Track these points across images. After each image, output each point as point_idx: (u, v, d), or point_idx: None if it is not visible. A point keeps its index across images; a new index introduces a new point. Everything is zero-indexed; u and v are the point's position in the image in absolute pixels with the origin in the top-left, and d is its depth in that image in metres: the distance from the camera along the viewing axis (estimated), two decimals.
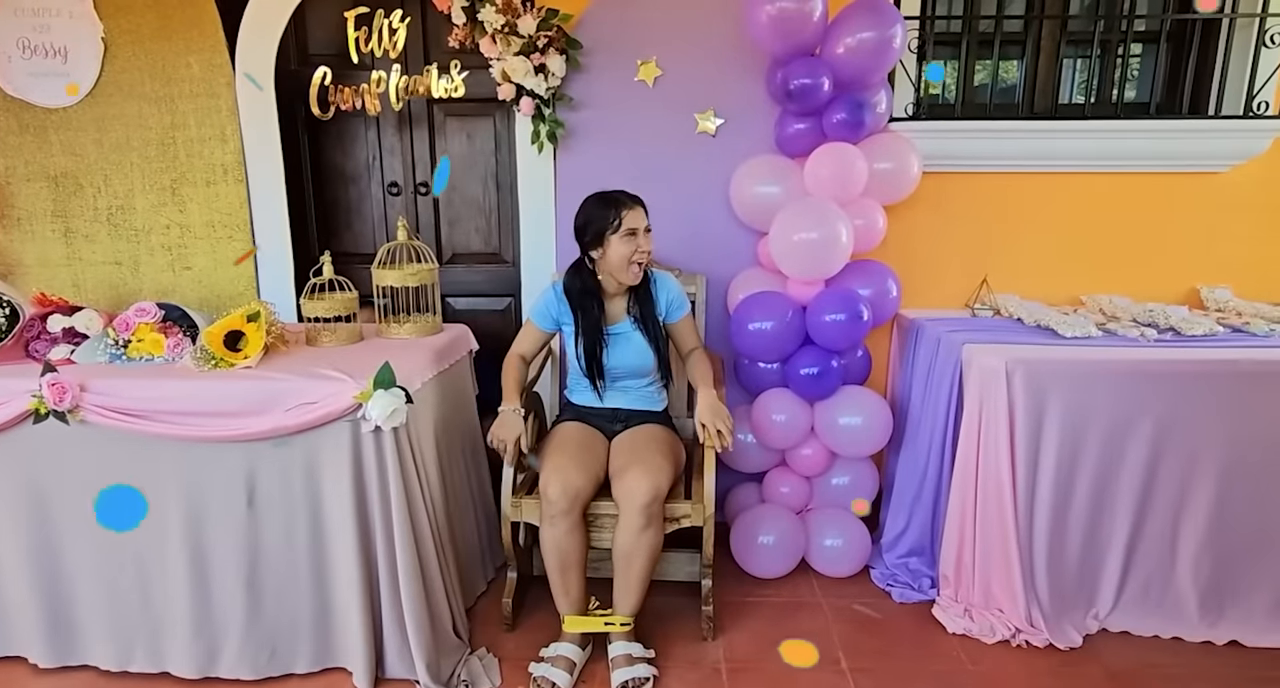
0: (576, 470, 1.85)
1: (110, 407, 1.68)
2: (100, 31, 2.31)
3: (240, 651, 1.78)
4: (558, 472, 1.84)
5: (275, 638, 1.79)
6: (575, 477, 1.84)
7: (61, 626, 1.82)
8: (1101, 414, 1.92)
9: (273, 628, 1.79)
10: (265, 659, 1.79)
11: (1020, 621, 1.97)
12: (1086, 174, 2.47)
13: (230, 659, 1.79)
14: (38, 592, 1.79)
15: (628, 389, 2.08)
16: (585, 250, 1.96)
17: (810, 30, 2.06)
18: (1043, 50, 2.53)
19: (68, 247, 2.47)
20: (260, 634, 1.78)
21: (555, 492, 1.82)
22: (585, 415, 2.08)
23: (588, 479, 1.86)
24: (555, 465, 1.85)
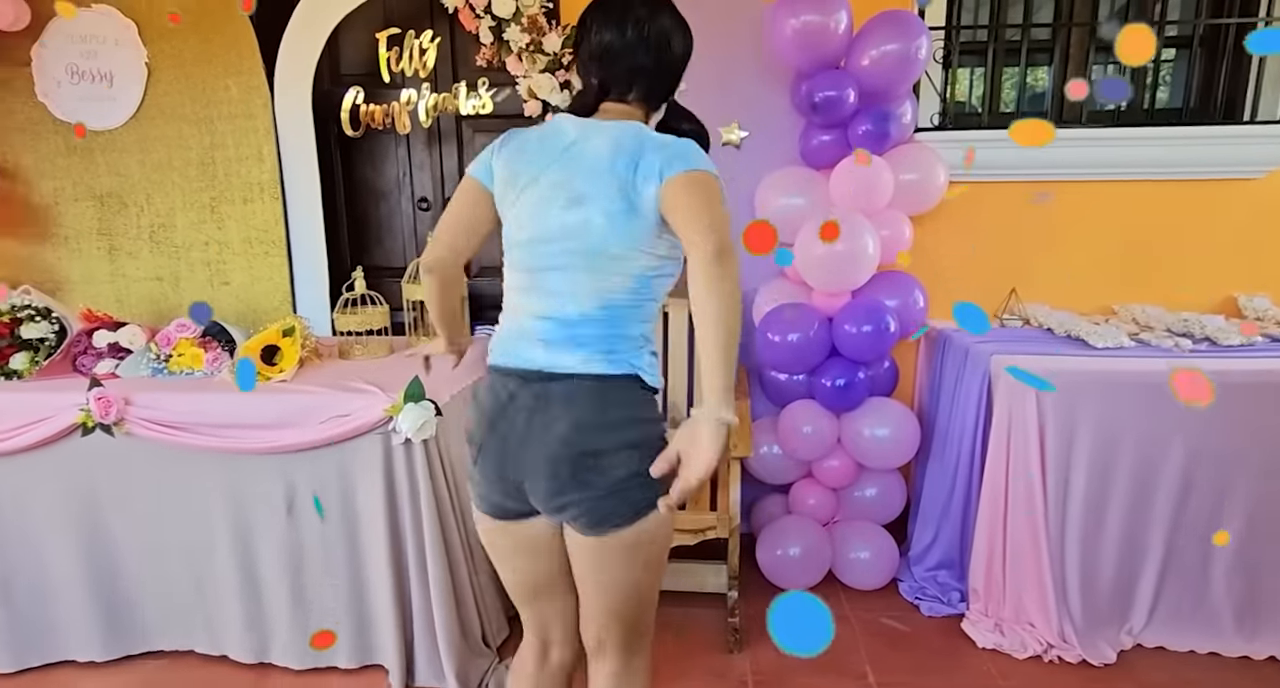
0: (562, 642, 1.33)
1: (154, 420, 1.74)
2: (144, 57, 2.39)
3: (287, 644, 1.88)
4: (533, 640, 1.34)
5: (321, 628, 1.88)
6: (560, 653, 1.34)
7: (115, 624, 1.91)
8: (1134, 426, 1.89)
9: (316, 626, 1.87)
10: (310, 654, 1.88)
11: (1052, 636, 1.94)
12: (1117, 182, 2.43)
13: (279, 651, 1.89)
14: (94, 593, 1.87)
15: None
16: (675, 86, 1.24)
17: (835, 43, 2.07)
18: (1071, 57, 2.50)
19: (112, 263, 2.56)
20: (304, 629, 1.87)
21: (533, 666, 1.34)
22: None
23: (571, 649, 1.34)
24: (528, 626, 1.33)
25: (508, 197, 1.17)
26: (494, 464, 1.16)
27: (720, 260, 1.00)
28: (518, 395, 1.13)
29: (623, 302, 1.13)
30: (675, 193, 1.06)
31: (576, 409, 1.10)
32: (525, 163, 1.15)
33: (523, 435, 1.12)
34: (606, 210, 1.09)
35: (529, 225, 1.14)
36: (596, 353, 1.11)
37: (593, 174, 1.10)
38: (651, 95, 1.19)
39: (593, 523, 1.12)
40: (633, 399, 1.13)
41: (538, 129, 1.18)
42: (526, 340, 1.15)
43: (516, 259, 1.17)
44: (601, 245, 1.10)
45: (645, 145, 1.09)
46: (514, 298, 1.19)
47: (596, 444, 1.09)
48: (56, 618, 1.91)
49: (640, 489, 1.10)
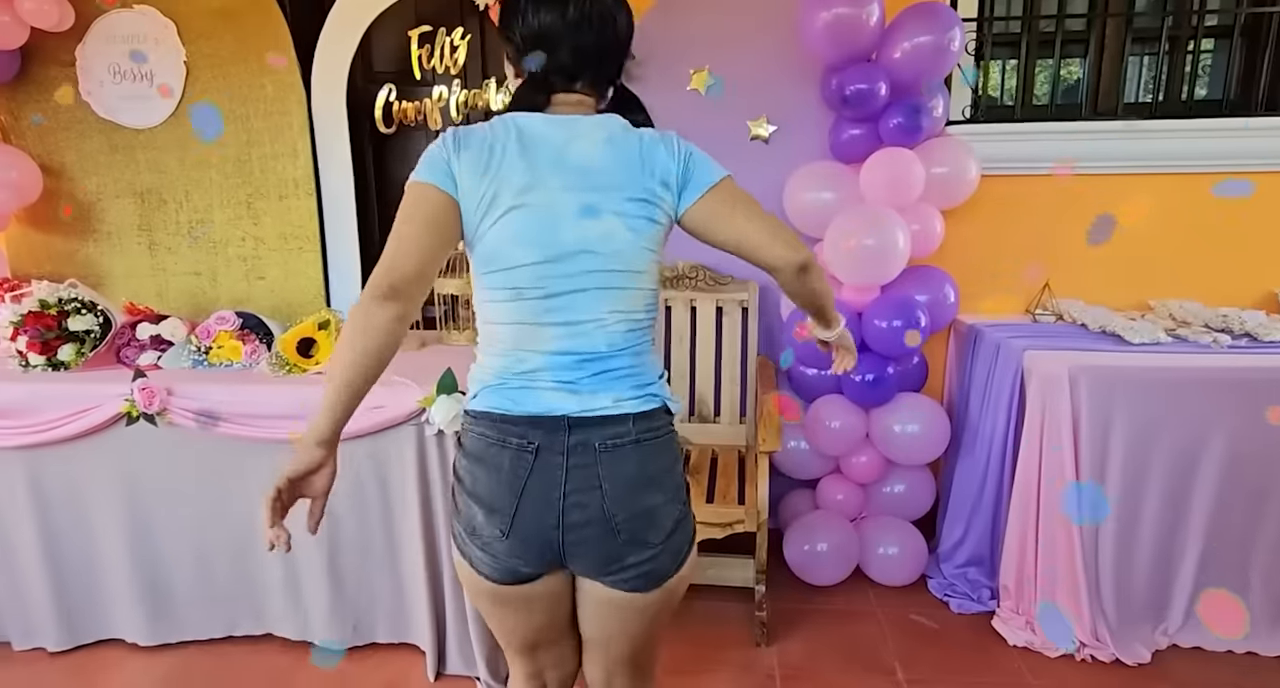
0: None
1: (196, 410, 1.79)
2: (183, 55, 2.45)
3: (329, 622, 1.94)
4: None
5: (358, 614, 1.94)
6: None
7: (160, 605, 1.96)
8: (1171, 423, 1.86)
9: (354, 606, 1.93)
10: (350, 631, 1.95)
11: (1085, 634, 1.92)
12: (1155, 175, 2.39)
13: (322, 625, 1.95)
14: (137, 576, 1.93)
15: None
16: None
17: (866, 35, 2.06)
18: (1107, 48, 2.46)
19: (152, 258, 2.62)
20: (344, 611, 1.93)
21: None
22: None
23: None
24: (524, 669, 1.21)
25: (483, 212, 0.98)
26: (534, 532, 1.00)
27: (809, 268, 1.06)
28: (545, 448, 0.99)
29: (644, 322, 1.06)
30: (716, 213, 1.02)
31: (624, 466, 0.99)
32: (506, 172, 0.97)
33: (567, 496, 0.99)
34: (627, 220, 1.00)
35: (535, 244, 0.97)
36: (628, 390, 1.01)
37: (604, 180, 0.99)
38: (599, 81, 1.06)
39: (647, 583, 1.04)
40: (669, 442, 1.06)
41: (500, 130, 1.00)
42: (541, 383, 1.00)
43: (511, 286, 0.99)
44: (627, 259, 1.00)
45: (649, 143, 1.02)
46: (510, 333, 1.01)
47: (649, 501, 1.01)
48: (105, 599, 1.97)
49: (682, 535, 1.06)
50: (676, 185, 1.02)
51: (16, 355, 1.92)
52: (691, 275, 2.43)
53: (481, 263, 1.01)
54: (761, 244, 1.03)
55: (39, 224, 2.59)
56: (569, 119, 1.02)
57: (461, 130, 1.01)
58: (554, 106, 1.04)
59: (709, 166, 1.04)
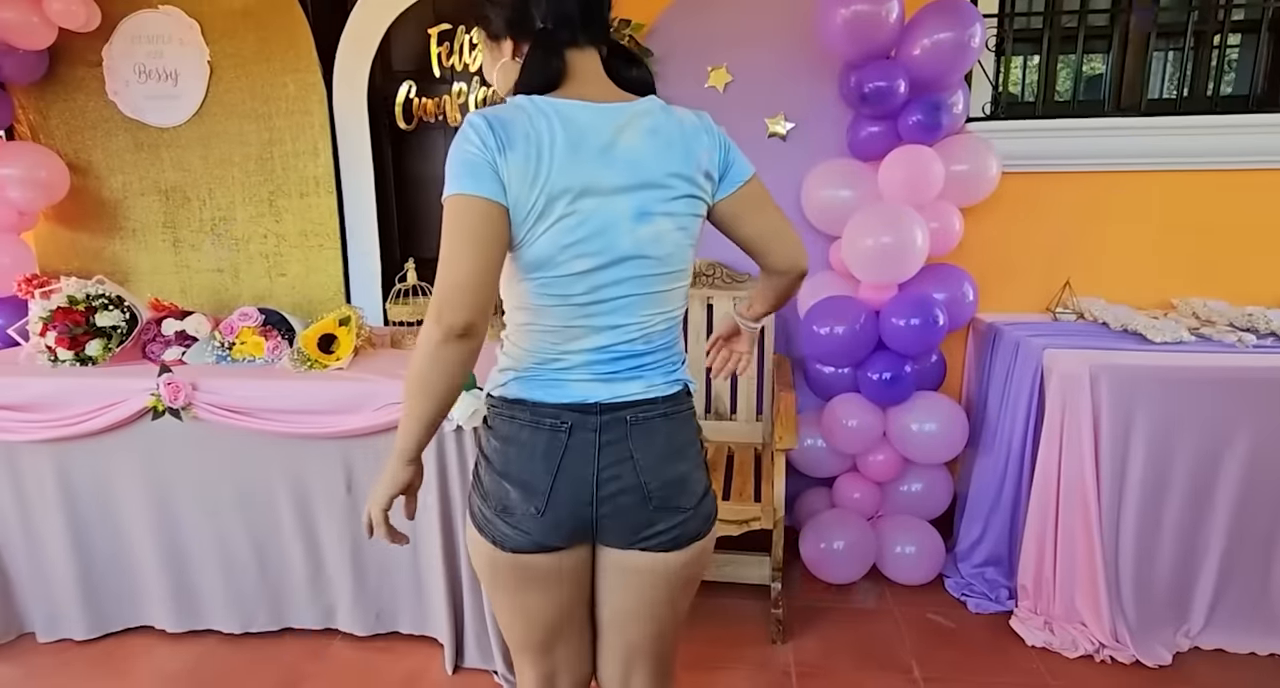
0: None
1: (219, 404, 1.81)
2: (207, 55, 2.48)
3: (352, 612, 1.97)
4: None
5: (380, 603, 1.97)
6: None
7: (185, 595, 2.00)
8: (1194, 423, 1.84)
9: (377, 596, 1.96)
10: (373, 619, 1.99)
11: (1105, 635, 1.91)
12: (1179, 172, 2.36)
13: (345, 616, 1.99)
14: (165, 566, 1.97)
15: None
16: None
17: (886, 32, 2.05)
18: (1130, 43, 2.43)
19: (176, 255, 2.66)
20: (367, 600, 1.97)
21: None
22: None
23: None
24: (538, 669, 1.16)
25: (535, 217, 0.92)
26: (569, 507, 1.01)
27: (805, 275, 1.14)
28: (578, 427, 0.99)
29: (677, 315, 1.07)
30: (746, 207, 1.05)
31: (654, 437, 1.02)
32: (559, 175, 0.91)
33: (601, 471, 1.00)
34: (677, 219, 0.98)
35: (589, 251, 0.94)
36: (658, 377, 1.04)
37: (653, 178, 0.95)
38: (599, 31, 0.99)
39: (676, 543, 1.05)
40: (691, 416, 1.09)
41: (542, 119, 0.92)
42: (574, 376, 1.00)
43: (559, 293, 0.96)
44: (675, 260, 0.99)
45: (690, 130, 0.98)
46: (549, 337, 0.99)
47: (679, 470, 1.04)
48: (130, 590, 2.01)
49: (710, 502, 1.10)
50: (718, 175, 1.02)
51: (45, 350, 1.96)
52: (709, 273, 2.44)
53: (527, 267, 0.95)
54: (779, 245, 1.09)
55: (67, 221, 2.64)
56: (612, 107, 0.95)
57: (495, 120, 0.91)
58: (576, 78, 0.96)
59: (743, 159, 1.05)
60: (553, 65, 0.95)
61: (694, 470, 1.07)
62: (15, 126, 2.58)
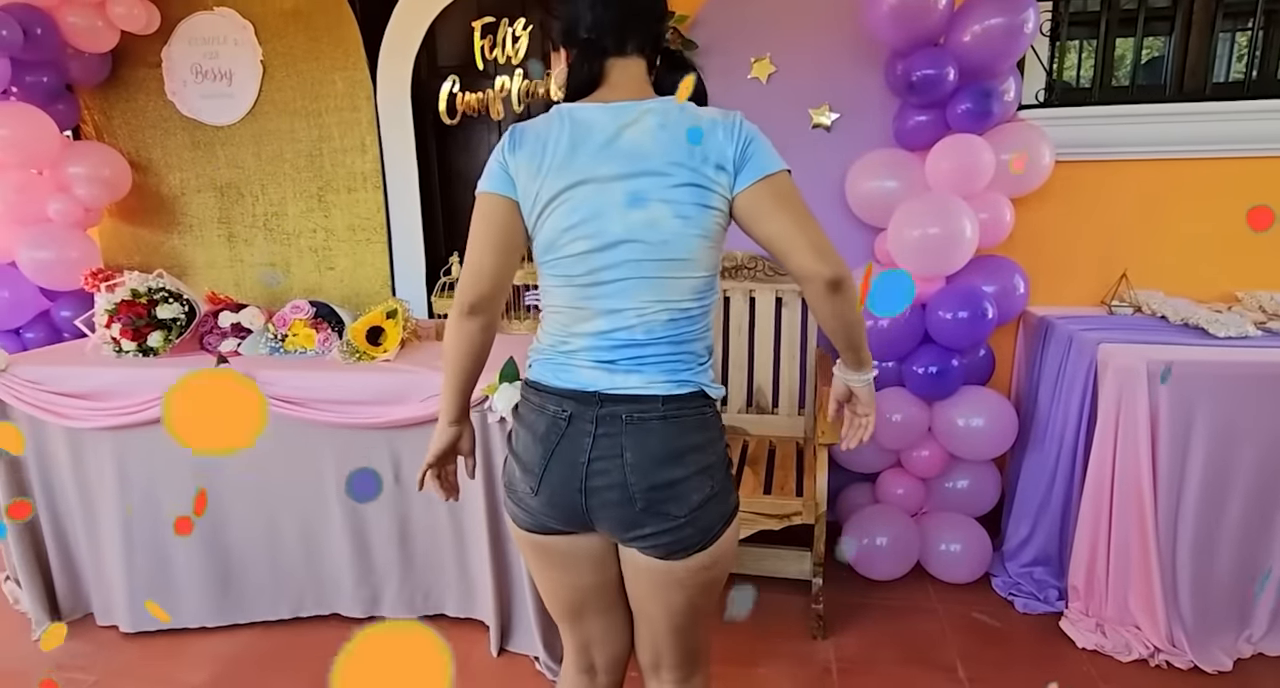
0: (606, 669, 1.24)
1: (273, 394, 1.87)
2: (259, 55, 2.55)
3: (398, 594, 2.02)
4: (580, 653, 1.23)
5: (428, 583, 2.03)
6: (605, 680, 1.25)
7: (232, 585, 2.05)
8: (1260, 423, 1.77)
9: (424, 576, 2.01)
10: (421, 600, 2.03)
11: (1160, 639, 1.85)
12: (1243, 158, 2.26)
13: (390, 601, 2.03)
14: (207, 557, 2.02)
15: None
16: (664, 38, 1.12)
17: (935, 19, 2.00)
18: (1194, 24, 2.33)
19: (230, 250, 2.74)
20: (415, 581, 2.02)
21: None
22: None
23: (614, 678, 1.26)
24: (574, 642, 1.23)
25: (540, 206, 1.02)
26: (560, 492, 1.05)
27: (841, 288, 0.99)
28: (577, 417, 1.04)
29: (693, 311, 1.05)
30: (762, 206, 1.00)
31: (648, 439, 1.02)
32: (557, 164, 1.00)
33: (591, 462, 1.03)
34: (676, 207, 0.99)
35: (584, 233, 1.00)
36: (660, 374, 1.03)
37: (653, 166, 0.98)
38: (645, 41, 1.05)
39: (670, 551, 1.05)
40: (701, 422, 1.06)
41: (555, 123, 1.02)
42: (578, 360, 1.05)
43: (563, 274, 1.04)
44: (674, 248, 1.00)
45: (704, 127, 0.99)
46: (560, 317, 1.07)
47: (671, 475, 1.02)
48: (176, 583, 2.05)
49: (714, 513, 1.06)
50: (733, 168, 0.99)
51: (110, 342, 2.04)
52: (750, 266, 2.42)
53: (539, 252, 1.06)
54: (796, 248, 0.99)
55: (129, 217, 2.75)
56: (623, 106, 1.01)
57: (519, 128, 1.04)
58: (610, 83, 1.04)
59: (769, 154, 1.01)
60: (586, 74, 1.04)
61: (692, 477, 1.04)
62: (81, 127, 2.69)
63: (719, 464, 1.08)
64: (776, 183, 1.00)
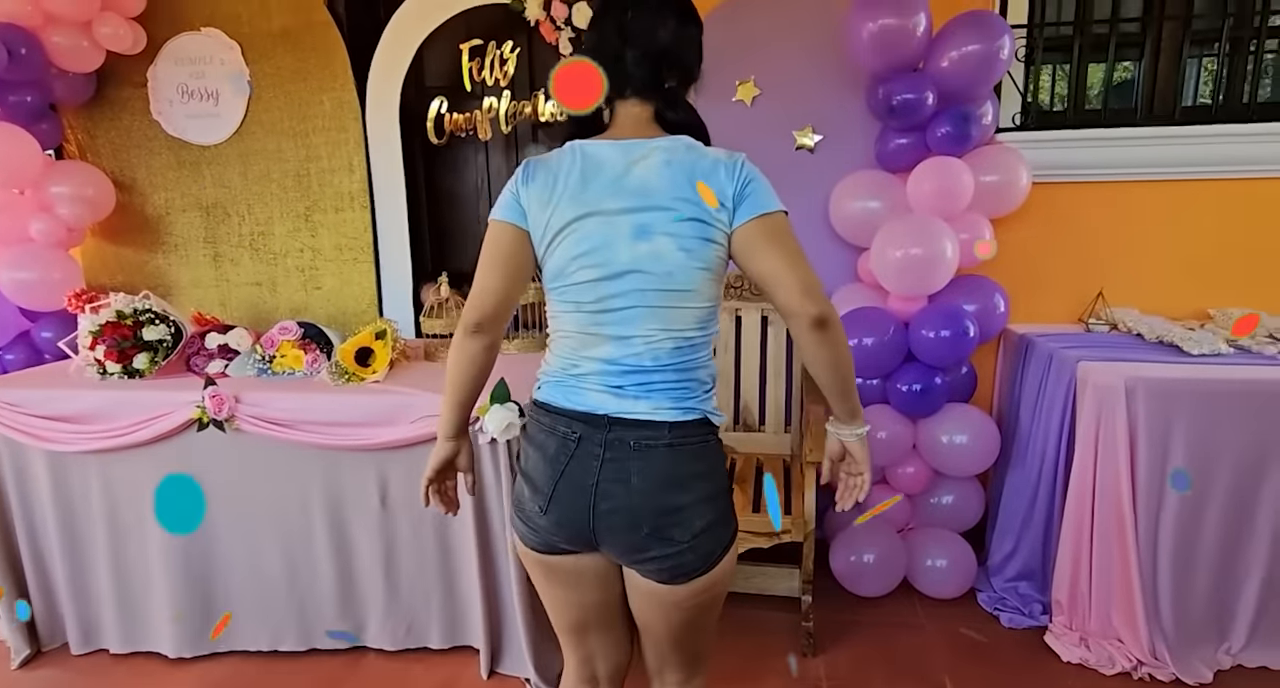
0: (608, 679, 1.28)
1: (261, 417, 1.86)
2: (247, 75, 2.56)
3: (381, 626, 1.99)
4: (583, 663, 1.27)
5: (412, 615, 1.98)
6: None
7: (213, 615, 2.02)
8: (1234, 437, 1.81)
9: (408, 607, 1.98)
10: (404, 633, 2.00)
11: (1142, 652, 1.88)
12: (1214, 180, 2.33)
13: (373, 632, 2.00)
14: (188, 584, 1.98)
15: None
16: (692, 77, 1.17)
17: (913, 45, 2.05)
18: (1163, 51, 2.41)
19: (216, 269, 2.73)
20: (398, 612, 1.98)
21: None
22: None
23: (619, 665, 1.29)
24: (575, 657, 1.27)
25: (550, 235, 1.07)
26: (568, 512, 1.08)
27: (824, 327, 1.01)
28: (586, 439, 1.07)
29: (696, 340, 1.09)
30: (755, 242, 1.03)
31: (655, 465, 1.05)
32: (568, 197, 1.05)
33: (599, 485, 1.06)
34: (679, 240, 1.03)
35: (592, 262, 1.05)
36: (667, 401, 1.07)
37: (658, 201, 1.03)
38: (645, 89, 1.10)
39: (671, 575, 1.09)
40: (705, 450, 1.09)
41: (568, 158, 1.08)
42: (588, 384, 1.08)
43: (573, 300, 1.08)
44: (678, 279, 1.04)
45: (708, 164, 1.04)
46: (569, 342, 1.11)
47: (676, 501, 1.06)
48: (147, 606, 2.02)
49: (715, 539, 1.09)
50: (731, 205, 1.04)
51: (95, 363, 2.02)
52: (736, 285, 2.45)
53: (550, 278, 1.11)
54: (783, 285, 1.02)
55: (112, 237, 2.73)
56: (633, 143, 1.07)
57: (532, 162, 1.10)
58: (616, 124, 1.11)
59: (766, 195, 1.05)
60: (591, 118, 1.11)
61: (696, 504, 1.07)
62: (64, 146, 2.68)
63: (721, 491, 1.12)
64: (771, 222, 1.04)
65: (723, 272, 1.09)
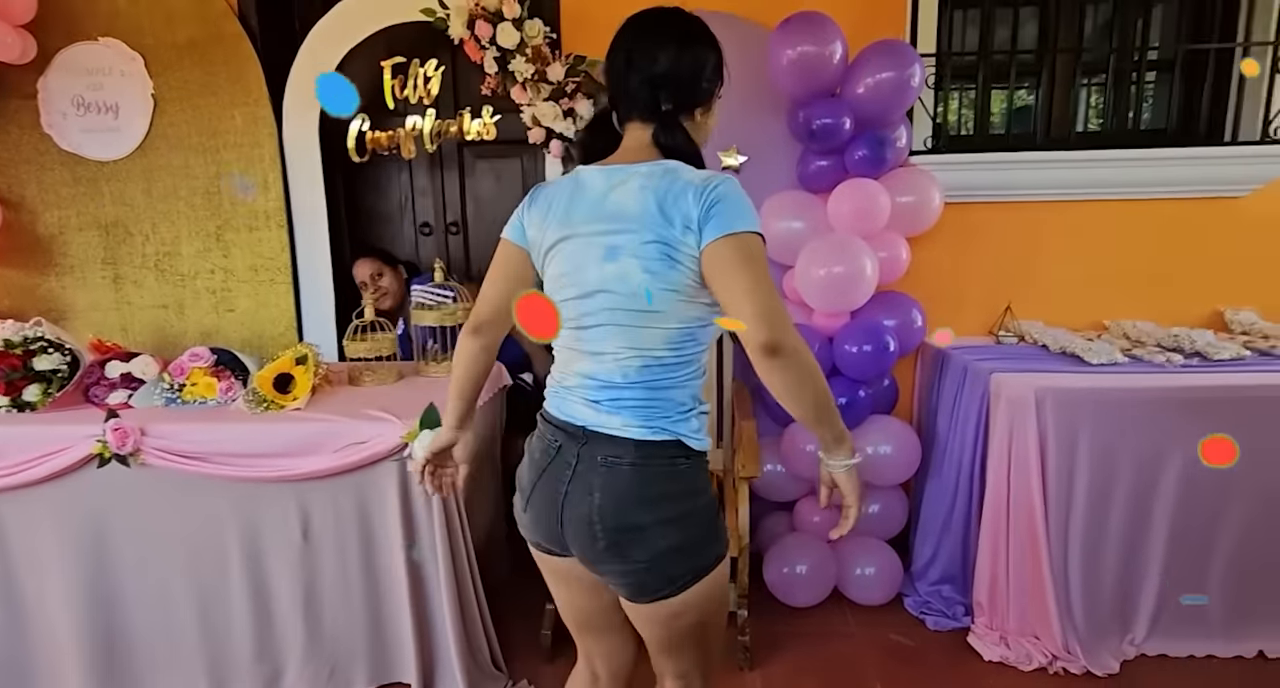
0: (609, 679, 1.35)
1: (170, 449, 1.76)
2: (150, 88, 2.42)
3: (301, 671, 1.88)
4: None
5: (335, 657, 1.89)
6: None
7: (119, 665, 1.88)
8: (1132, 441, 1.94)
9: (332, 649, 1.88)
10: (327, 675, 1.89)
11: (1057, 648, 1.98)
12: (1107, 201, 2.50)
13: (292, 680, 1.88)
14: (92, 632, 1.85)
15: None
16: (697, 101, 1.18)
17: (830, 72, 2.13)
18: (1057, 80, 2.58)
19: (117, 292, 2.57)
20: (320, 655, 1.88)
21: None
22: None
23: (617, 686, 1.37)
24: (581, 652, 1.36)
25: (542, 255, 1.15)
26: (543, 515, 1.15)
27: (776, 355, 0.98)
28: (564, 449, 1.13)
29: (668, 360, 1.09)
30: (716, 264, 1.02)
31: (617, 482, 1.08)
32: (556, 219, 1.12)
33: (566, 493, 1.11)
34: (644, 261, 1.04)
35: (569, 282, 1.11)
36: (635, 418, 1.08)
37: (627, 224, 1.06)
38: (644, 112, 1.13)
39: (633, 593, 1.12)
40: (672, 472, 1.09)
41: (565, 183, 1.15)
42: (574, 396, 1.14)
43: (562, 316, 1.14)
44: (642, 299, 1.06)
45: (679, 188, 1.04)
46: (562, 355, 1.18)
47: (634, 520, 1.07)
48: (57, 656, 1.88)
49: (681, 563, 1.09)
50: (696, 227, 1.02)
51: None
52: None
53: (547, 294, 1.18)
54: (737, 309, 1.00)
55: None
56: (618, 168, 1.11)
57: (538, 188, 1.19)
58: (623, 147, 1.16)
59: (734, 217, 1.01)
60: (596, 141, 1.19)
61: (658, 525, 1.07)
62: None
63: (693, 517, 1.10)
64: (734, 243, 1.01)
65: (698, 294, 1.07)
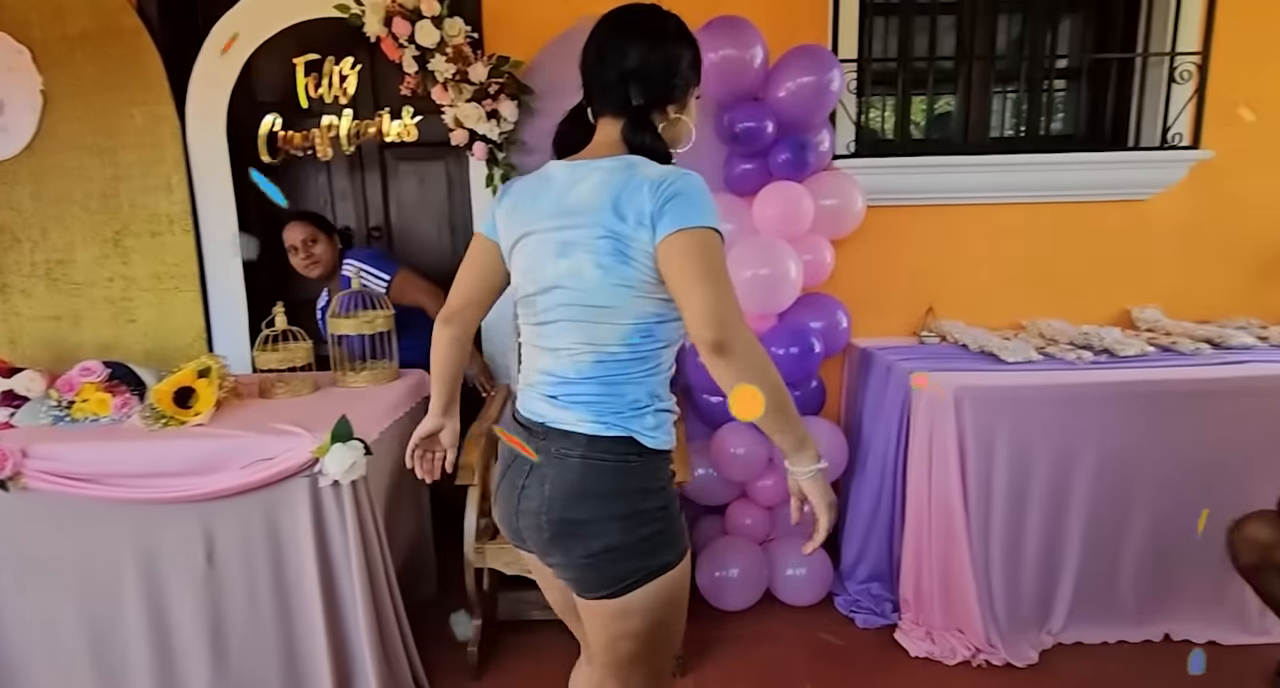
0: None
1: (55, 472, 1.63)
2: (39, 84, 2.27)
3: None
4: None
5: (244, 686, 1.76)
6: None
7: None
8: (1046, 436, 2.00)
9: (239, 678, 1.76)
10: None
11: (980, 641, 2.02)
12: (1019, 204, 2.59)
13: None
14: None
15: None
16: (669, 98, 1.14)
17: (751, 76, 2.14)
18: (974, 86, 2.65)
19: (3, 303, 2.40)
20: (228, 685, 1.75)
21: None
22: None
23: None
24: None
25: (509, 250, 1.16)
26: (504, 510, 1.19)
27: (722, 354, 0.97)
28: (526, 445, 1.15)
29: (622, 356, 1.07)
30: (669, 259, 1.00)
31: (565, 474, 1.08)
32: (520, 215, 1.13)
33: (524, 487, 1.13)
34: (596, 258, 1.04)
35: (529, 278, 1.13)
36: (589, 414, 1.08)
37: (581, 220, 1.05)
38: (612, 106, 1.12)
39: (578, 589, 1.13)
40: (623, 468, 1.07)
41: (533, 179, 1.15)
42: (535, 393, 1.16)
43: (523, 313, 1.17)
44: (593, 295, 1.05)
45: (635, 183, 1.02)
46: (527, 352, 1.20)
47: (577, 514, 1.07)
48: None
49: (625, 562, 1.07)
50: (650, 223, 1.00)
51: None
52: None
53: (515, 290, 1.19)
54: (685, 306, 0.99)
55: None
56: (582, 164, 1.11)
57: (509, 183, 1.20)
58: (594, 142, 1.15)
59: (688, 212, 0.99)
60: (572, 134, 1.17)
61: (599, 521, 1.06)
62: None
63: (642, 517, 1.08)
64: (688, 238, 0.99)
65: (654, 290, 1.05)
